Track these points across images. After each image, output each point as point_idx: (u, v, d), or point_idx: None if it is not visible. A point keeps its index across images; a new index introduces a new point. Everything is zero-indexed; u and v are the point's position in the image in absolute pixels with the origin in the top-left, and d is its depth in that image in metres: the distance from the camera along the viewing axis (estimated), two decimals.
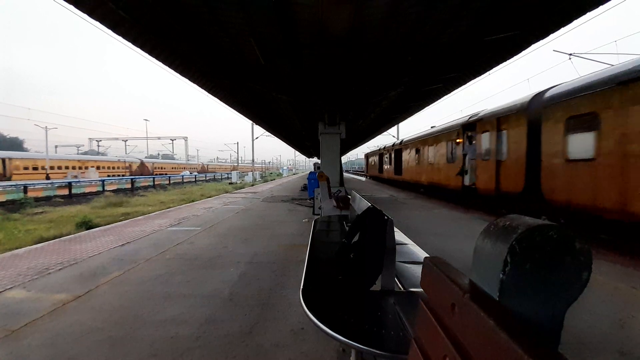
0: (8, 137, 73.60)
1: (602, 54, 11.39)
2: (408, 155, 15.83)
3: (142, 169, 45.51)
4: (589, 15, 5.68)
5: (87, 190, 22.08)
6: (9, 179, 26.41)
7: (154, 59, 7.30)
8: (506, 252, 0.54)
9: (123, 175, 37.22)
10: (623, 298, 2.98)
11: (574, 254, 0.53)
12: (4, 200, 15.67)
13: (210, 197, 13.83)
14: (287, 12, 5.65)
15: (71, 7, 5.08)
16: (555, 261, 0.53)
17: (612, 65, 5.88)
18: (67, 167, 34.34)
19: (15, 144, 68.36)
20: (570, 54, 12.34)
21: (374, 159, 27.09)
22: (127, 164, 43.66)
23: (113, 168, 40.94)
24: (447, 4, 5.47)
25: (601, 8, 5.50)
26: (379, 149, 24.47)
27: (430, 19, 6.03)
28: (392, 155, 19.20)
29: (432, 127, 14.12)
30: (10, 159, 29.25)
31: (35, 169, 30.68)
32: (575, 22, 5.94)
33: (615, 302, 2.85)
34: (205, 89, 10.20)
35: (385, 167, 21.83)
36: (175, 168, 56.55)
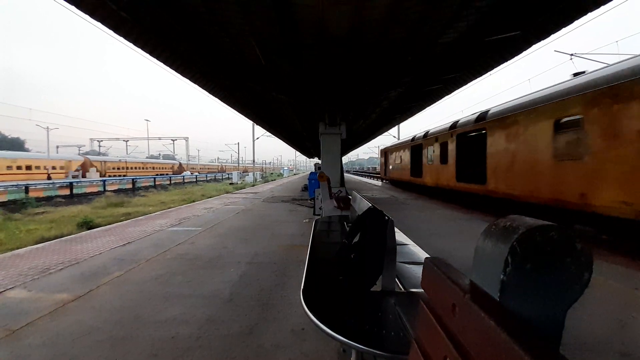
0: (9, 137, 73.83)
1: (603, 54, 11.35)
2: (508, 144, 7.30)
3: (180, 169, 56.46)
4: (590, 15, 5.68)
5: (88, 190, 22.21)
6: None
7: (154, 60, 7.32)
8: (507, 253, 0.53)
9: (169, 174, 46.45)
10: (624, 299, 2.97)
11: (574, 254, 0.53)
12: (6, 200, 15.72)
13: (211, 197, 13.84)
14: (287, 12, 5.66)
15: (72, 7, 5.10)
16: (556, 262, 0.53)
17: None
18: (136, 168, 45.13)
19: (17, 144, 68.52)
20: (572, 55, 12.32)
21: (401, 154, 17.04)
22: (171, 165, 56.56)
23: (163, 168, 52.82)
24: (448, 3, 5.47)
25: (602, 8, 5.49)
26: (412, 139, 14.92)
27: (431, 19, 6.03)
28: (452, 147, 10.29)
29: (574, 74, 6.05)
30: (104, 162, 40.06)
31: (119, 169, 41.09)
32: (576, 23, 5.94)
33: (615, 303, 2.85)
34: (205, 89, 10.21)
35: (429, 166, 12.54)
36: (202, 168, 68.61)
